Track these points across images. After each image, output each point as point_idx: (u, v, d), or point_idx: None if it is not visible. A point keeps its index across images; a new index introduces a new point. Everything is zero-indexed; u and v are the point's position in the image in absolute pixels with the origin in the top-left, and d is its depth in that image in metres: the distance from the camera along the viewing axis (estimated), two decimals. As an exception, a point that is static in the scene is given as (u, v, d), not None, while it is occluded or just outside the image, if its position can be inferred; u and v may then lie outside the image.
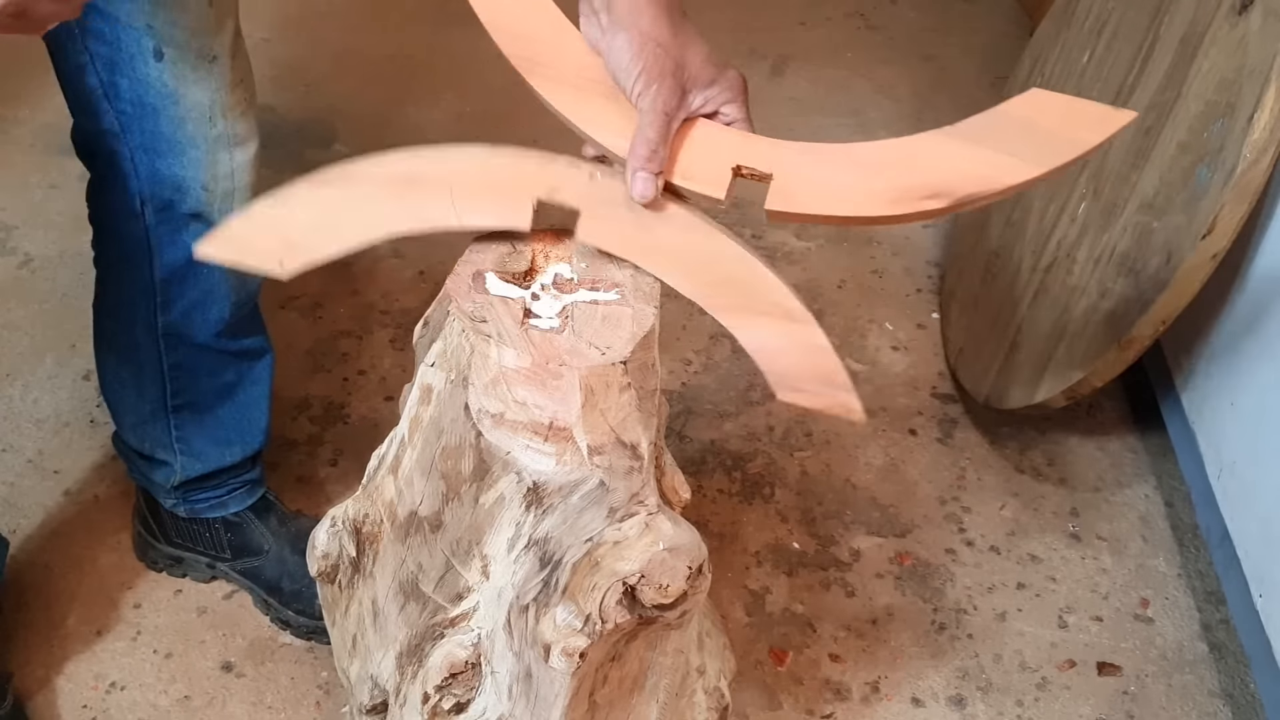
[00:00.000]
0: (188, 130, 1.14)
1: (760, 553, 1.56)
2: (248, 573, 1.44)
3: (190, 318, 1.28)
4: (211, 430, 1.38)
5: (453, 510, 0.91)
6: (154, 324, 1.28)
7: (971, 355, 1.78)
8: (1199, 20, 1.45)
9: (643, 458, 0.85)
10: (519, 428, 0.83)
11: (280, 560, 1.42)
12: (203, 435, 1.38)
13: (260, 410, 1.40)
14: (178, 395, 1.34)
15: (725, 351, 1.85)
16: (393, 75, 2.42)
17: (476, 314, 0.87)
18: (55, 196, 2.03)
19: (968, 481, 1.68)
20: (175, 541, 1.45)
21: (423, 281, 1.90)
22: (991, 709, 1.41)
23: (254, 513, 1.44)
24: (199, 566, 1.46)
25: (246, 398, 1.38)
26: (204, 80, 1.12)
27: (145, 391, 1.34)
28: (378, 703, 1.06)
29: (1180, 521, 1.63)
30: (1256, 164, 1.30)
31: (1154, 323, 1.41)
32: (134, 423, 1.38)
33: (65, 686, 1.35)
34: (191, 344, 1.30)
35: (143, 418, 1.36)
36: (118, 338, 1.33)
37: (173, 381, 1.33)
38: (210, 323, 1.29)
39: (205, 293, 1.26)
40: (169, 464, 1.39)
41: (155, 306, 1.27)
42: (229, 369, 1.35)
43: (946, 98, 2.47)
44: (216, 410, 1.37)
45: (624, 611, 0.86)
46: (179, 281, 1.25)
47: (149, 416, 1.36)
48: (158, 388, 1.33)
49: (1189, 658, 1.48)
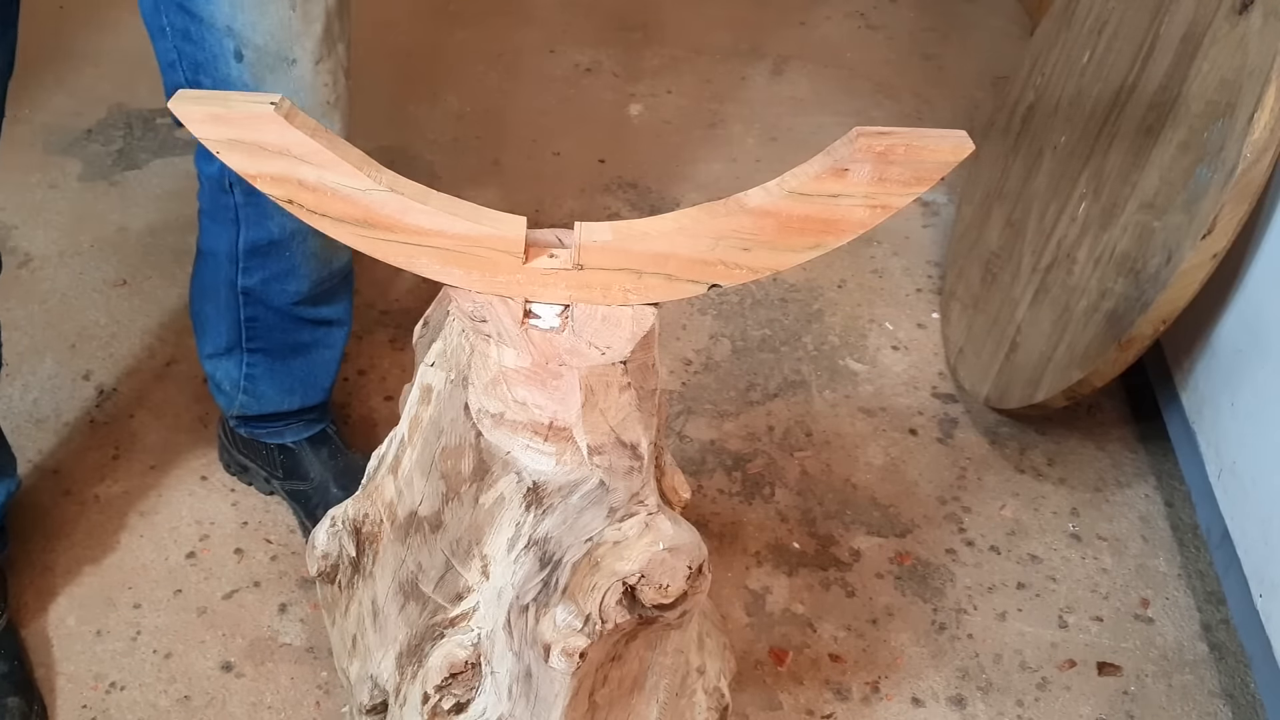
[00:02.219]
0: None
1: (760, 553, 1.56)
2: (293, 494, 1.53)
3: (269, 286, 1.36)
4: (281, 378, 1.47)
5: (453, 510, 0.91)
6: (235, 283, 1.37)
7: (971, 355, 1.78)
8: (1199, 20, 1.44)
9: (643, 458, 0.85)
10: (519, 428, 0.83)
11: (324, 490, 1.50)
12: (270, 380, 1.47)
13: (328, 372, 1.49)
14: (253, 340, 1.43)
15: (725, 351, 1.85)
16: (393, 74, 2.43)
17: (476, 314, 0.87)
18: (55, 196, 2.03)
19: (968, 481, 1.68)
20: (242, 451, 1.56)
21: (423, 282, 1.90)
22: (991, 709, 1.41)
23: (309, 443, 1.53)
24: (260, 478, 1.57)
25: (318, 358, 1.47)
26: (282, 82, 1.16)
27: (224, 330, 1.43)
28: (378, 703, 1.06)
29: (1180, 521, 1.63)
30: (1256, 164, 1.30)
31: (1154, 322, 1.41)
32: (210, 353, 1.47)
33: (65, 686, 1.35)
34: (268, 307, 1.39)
35: (218, 350, 1.46)
36: (205, 280, 1.42)
37: (248, 329, 1.42)
38: (288, 294, 1.37)
39: (286, 270, 1.34)
40: (230, 397, 1.49)
41: (238, 270, 1.35)
42: (304, 331, 1.44)
43: (946, 98, 2.47)
44: (289, 361, 1.46)
45: (624, 611, 0.86)
46: (261, 255, 1.33)
47: (224, 350, 1.45)
48: (235, 331, 1.42)
49: (1189, 658, 1.48)
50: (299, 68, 1.16)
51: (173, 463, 1.61)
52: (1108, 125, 1.59)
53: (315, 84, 1.18)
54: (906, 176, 0.79)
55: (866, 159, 0.78)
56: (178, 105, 0.79)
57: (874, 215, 0.82)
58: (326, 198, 0.83)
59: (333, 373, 1.50)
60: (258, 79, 1.15)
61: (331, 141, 0.81)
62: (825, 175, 0.79)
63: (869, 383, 1.82)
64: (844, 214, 0.82)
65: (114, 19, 2.47)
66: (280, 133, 0.79)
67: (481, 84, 2.42)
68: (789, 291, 1.97)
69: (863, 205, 0.81)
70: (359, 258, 1.03)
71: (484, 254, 0.85)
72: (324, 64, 1.18)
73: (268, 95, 0.79)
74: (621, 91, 2.43)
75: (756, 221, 0.83)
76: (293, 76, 1.16)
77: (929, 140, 0.77)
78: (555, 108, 2.38)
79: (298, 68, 1.16)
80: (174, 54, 1.17)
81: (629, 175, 2.20)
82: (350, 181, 0.82)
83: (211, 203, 1.32)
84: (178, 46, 1.16)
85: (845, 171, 0.79)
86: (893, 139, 0.77)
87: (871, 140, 0.77)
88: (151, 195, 2.05)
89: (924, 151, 0.77)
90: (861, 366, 1.84)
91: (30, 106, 2.21)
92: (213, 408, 1.65)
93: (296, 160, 0.81)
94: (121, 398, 1.69)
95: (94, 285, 1.87)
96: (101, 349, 1.77)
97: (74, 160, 2.12)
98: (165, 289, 1.87)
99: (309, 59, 1.16)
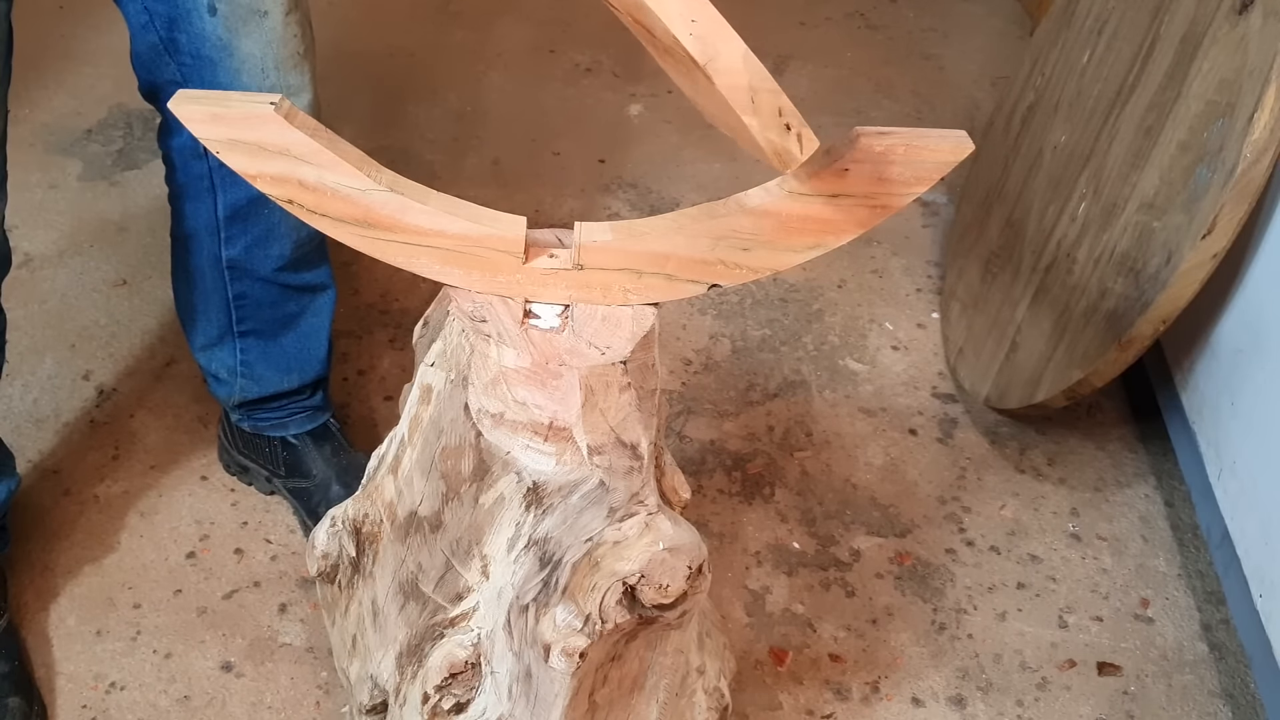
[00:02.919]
0: (243, 81, 1.21)
1: (760, 553, 1.56)
2: (295, 492, 1.53)
3: (252, 253, 1.36)
4: (275, 357, 1.47)
5: (453, 510, 0.91)
6: (219, 256, 1.37)
7: (971, 355, 1.78)
8: (1199, 20, 1.44)
9: (643, 458, 0.85)
10: (519, 428, 0.83)
11: (325, 488, 1.50)
12: (265, 361, 1.47)
13: (319, 341, 1.49)
14: (243, 322, 1.43)
15: (725, 351, 1.85)
16: (393, 74, 2.42)
17: (476, 314, 0.87)
18: (55, 196, 2.03)
19: (968, 481, 1.68)
20: (243, 451, 1.56)
21: (423, 281, 1.90)
22: (991, 709, 1.41)
23: (312, 438, 1.53)
24: (260, 478, 1.56)
25: (308, 328, 1.47)
26: (255, 34, 1.19)
27: (213, 317, 1.43)
28: (378, 703, 1.06)
29: (1180, 521, 1.63)
30: (1256, 164, 1.30)
31: (1154, 322, 1.41)
32: (203, 345, 1.47)
33: (65, 686, 1.35)
34: (255, 277, 1.39)
35: (211, 340, 1.46)
36: (188, 267, 1.42)
37: (238, 309, 1.42)
38: (271, 258, 1.37)
39: (266, 231, 1.34)
40: (230, 384, 1.49)
41: (220, 241, 1.36)
42: (290, 301, 1.44)
43: (946, 98, 2.47)
44: (280, 338, 1.46)
45: (624, 611, 0.86)
46: (241, 220, 1.33)
47: (216, 340, 1.45)
48: (224, 314, 1.43)
49: (1189, 658, 1.48)
50: (270, 19, 1.19)
51: (173, 463, 1.61)
52: (1108, 125, 1.59)
53: (286, 35, 1.21)
54: (906, 176, 0.79)
55: (866, 159, 0.78)
56: (177, 105, 0.79)
57: (874, 215, 0.82)
58: (326, 198, 0.83)
59: (325, 343, 1.50)
60: (232, 31, 1.17)
61: (331, 141, 0.81)
62: (825, 175, 0.79)
63: (869, 383, 1.82)
64: (844, 214, 0.82)
65: (114, 19, 2.46)
66: (280, 133, 0.79)
67: (481, 84, 2.42)
68: (789, 291, 1.97)
69: (863, 205, 0.81)
70: (359, 257, 1.03)
71: (484, 254, 0.85)
72: (293, 15, 1.21)
73: (267, 95, 0.79)
74: (621, 91, 2.43)
75: (756, 222, 0.83)
76: (265, 28, 1.19)
77: (929, 140, 0.77)
78: (555, 108, 2.38)
79: (269, 19, 1.19)
80: (144, 15, 1.19)
81: (629, 175, 2.20)
82: (350, 181, 0.82)
83: (185, 175, 1.33)
84: (148, 7, 1.18)
85: (845, 171, 0.79)
86: (892, 139, 0.77)
87: (871, 140, 0.77)
88: (151, 195, 2.05)
89: (924, 151, 0.77)
90: (861, 366, 1.84)
91: (30, 106, 2.21)
92: (213, 408, 1.65)
93: (296, 160, 0.81)
94: (121, 398, 1.69)
95: (94, 285, 1.87)
96: (101, 349, 1.77)
97: (74, 160, 2.12)
98: (165, 289, 1.86)
99: (279, 10, 1.19)
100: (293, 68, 1.23)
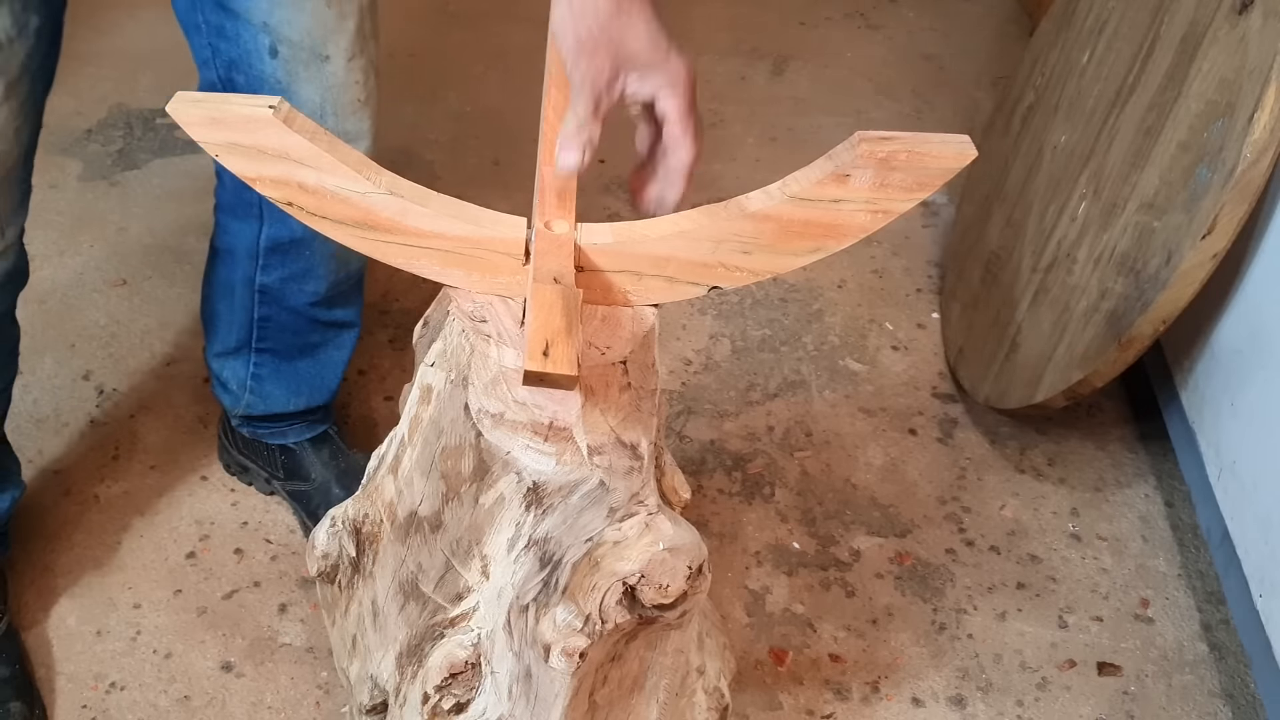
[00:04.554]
0: None
1: (760, 553, 1.56)
2: (294, 495, 1.53)
3: (287, 285, 1.36)
4: (287, 378, 1.47)
5: (453, 510, 0.91)
6: (253, 279, 1.37)
7: (971, 355, 1.78)
8: (1199, 20, 1.45)
9: (643, 458, 0.85)
10: (519, 428, 0.83)
11: (325, 491, 1.50)
12: (277, 381, 1.46)
13: (335, 374, 1.49)
14: (263, 340, 1.43)
15: (725, 351, 1.85)
16: (393, 74, 2.42)
17: (476, 314, 0.87)
18: (55, 196, 2.03)
19: (968, 481, 1.68)
20: (242, 451, 1.56)
21: (422, 281, 1.90)
22: (991, 709, 1.41)
23: (310, 443, 1.52)
24: (260, 479, 1.56)
25: (326, 359, 1.47)
26: (315, 79, 1.17)
27: (235, 329, 1.43)
28: (378, 703, 1.06)
29: (1180, 521, 1.63)
30: (1256, 164, 1.30)
31: (1154, 322, 1.41)
32: (219, 352, 1.47)
33: (65, 686, 1.35)
34: (284, 306, 1.39)
35: (227, 349, 1.46)
36: (221, 278, 1.42)
37: (260, 328, 1.42)
38: (305, 294, 1.37)
39: (304, 269, 1.34)
40: (237, 396, 1.48)
41: (257, 267, 1.36)
42: (315, 332, 1.44)
43: (946, 98, 2.47)
44: (296, 362, 1.46)
45: (624, 611, 0.86)
46: (281, 253, 1.33)
47: (233, 350, 1.45)
48: (246, 330, 1.42)
49: (1189, 658, 1.48)
50: (332, 64, 1.16)
51: (173, 463, 1.61)
52: (1108, 125, 1.59)
53: (348, 81, 1.18)
54: (908, 183, 0.79)
55: (868, 165, 0.78)
56: (176, 108, 0.78)
57: (875, 220, 0.82)
58: (326, 200, 0.83)
59: (340, 375, 1.50)
60: (291, 75, 1.15)
61: (331, 144, 0.81)
62: (826, 180, 0.79)
63: (869, 383, 1.82)
64: (845, 219, 0.82)
65: (114, 19, 2.47)
66: (279, 136, 0.79)
67: (481, 84, 2.41)
68: (789, 291, 1.97)
69: (864, 210, 0.81)
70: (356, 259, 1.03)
71: (485, 255, 0.85)
72: (356, 61, 1.18)
73: (266, 98, 0.79)
74: (621, 91, 2.43)
75: (757, 225, 0.83)
76: (326, 73, 1.16)
77: (931, 146, 0.77)
78: (555, 108, 2.37)
79: (331, 64, 1.16)
80: (208, 51, 1.17)
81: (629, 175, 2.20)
82: (350, 184, 0.82)
83: (234, 198, 1.31)
84: (212, 43, 1.16)
85: (847, 177, 0.79)
86: (895, 145, 0.77)
87: (873, 146, 0.77)
88: (151, 195, 2.05)
89: (926, 158, 0.77)
90: (861, 366, 1.84)
91: (30, 106, 2.21)
92: (213, 408, 1.65)
93: (296, 163, 0.81)
94: (121, 398, 1.69)
95: (94, 285, 1.87)
96: (101, 349, 1.77)
97: (74, 160, 2.12)
98: (165, 289, 1.87)
99: (342, 56, 1.16)
100: (351, 114, 1.21)
